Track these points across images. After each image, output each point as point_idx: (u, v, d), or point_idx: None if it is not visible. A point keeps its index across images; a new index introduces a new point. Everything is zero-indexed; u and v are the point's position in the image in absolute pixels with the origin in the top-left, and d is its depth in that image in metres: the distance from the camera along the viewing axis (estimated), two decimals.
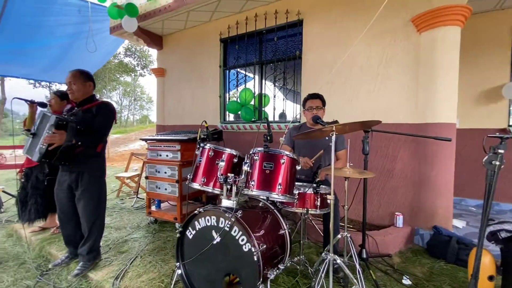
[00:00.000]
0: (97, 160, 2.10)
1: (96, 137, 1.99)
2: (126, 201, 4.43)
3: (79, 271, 2.14)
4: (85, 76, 2.07)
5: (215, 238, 1.67)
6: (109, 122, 2.05)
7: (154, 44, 4.69)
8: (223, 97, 4.08)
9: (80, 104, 2.06)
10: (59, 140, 1.82)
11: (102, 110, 2.04)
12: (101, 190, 2.15)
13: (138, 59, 24.44)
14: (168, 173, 3.06)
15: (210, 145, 1.95)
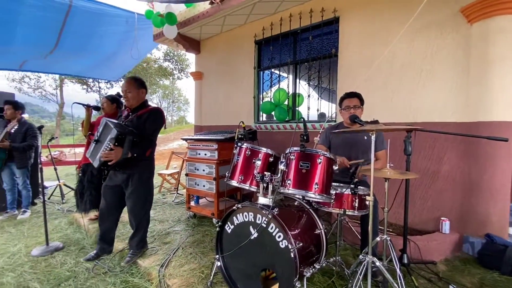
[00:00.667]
0: (146, 163, 2.23)
1: (146, 144, 2.13)
2: (168, 196, 4.75)
3: (130, 258, 2.35)
4: (138, 84, 2.21)
5: (253, 233, 1.73)
6: (158, 127, 2.18)
7: (192, 49, 4.95)
8: (257, 98, 4.16)
9: (134, 111, 2.21)
10: (116, 157, 1.98)
11: (153, 116, 2.16)
12: (149, 191, 2.30)
13: (176, 63, 25.88)
14: (206, 171, 3.22)
15: (247, 145, 2.03)
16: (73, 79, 22.40)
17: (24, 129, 3.62)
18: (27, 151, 3.64)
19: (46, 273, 2.33)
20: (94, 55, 4.90)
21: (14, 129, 3.58)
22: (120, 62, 5.50)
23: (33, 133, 3.66)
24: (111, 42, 4.73)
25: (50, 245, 2.80)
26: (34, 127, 3.68)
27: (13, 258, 2.58)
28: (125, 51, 5.00)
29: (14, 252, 2.70)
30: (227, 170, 3.26)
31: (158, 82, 29.64)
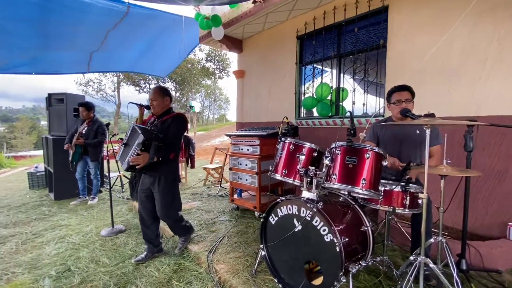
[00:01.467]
0: (171, 165, 2.31)
1: (170, 148, 2.21)
2: (212, 189, 5.02)
3: (181, 244, 2.57)
4: (163, 92, 2.35)
5: (297, 226, 1.76)
6: (181, 131, 2.27)
7: (235, 48, 5.11)
8: (298, 94, 4.13)
9: (159, 117, 2.35)
10: (143, 162, 2.09)
11: (175, 122, 2.27)
12: (174, 192, 2.36)
13: (218, 63, 26.88)
14: (249, 165, 3.33)
15: (290, 139, 2.05)
16: (128, 81, 24.77)
17: (96, 127, 4.19)
18: (98, 146, 4.21)
19: (113, 251, 2.68)
20: (143, 52, 5.29)
21: (85, 129, 4.16)
22: (166, 60, 5.86)
23: (102, 130, 4.22)
24: (159, 40, 5.03)
25: (115, 227, 3.20)
26: (103, 125, 4.23)
27: (86, 237, 3.02)
28: (170, 49, 5.32)
29: (87, 231, 3.15)
30: (269, 165, 3.37)
31: (201, 82, 31.15)
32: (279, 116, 4.34)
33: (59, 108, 4.61)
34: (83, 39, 4.16)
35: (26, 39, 3.83)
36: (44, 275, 2.26)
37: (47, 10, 3.44)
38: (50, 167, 4.63)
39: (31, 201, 4.46)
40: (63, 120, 4.52)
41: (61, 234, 3.07)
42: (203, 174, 6.64)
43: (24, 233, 3.12)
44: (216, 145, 13.74)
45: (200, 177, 6.33)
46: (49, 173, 4.90)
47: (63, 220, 3.53)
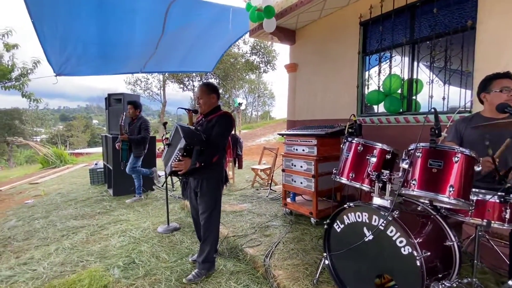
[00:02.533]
0: (215, 168, 2.36)
1: (212, 151, 2.25)
2: (261, 191, 5.17)
3: (193, 277, 2.32)
4: (209, 89, 2.41)
5: (367, 235, 1.75)
6: (225, 132, 2.30)
7: (287, 40, 5.17)
8: (361, 87, 4.01)
9: (206, 116, 2.43)
10: (185, 168, 2.19)
11: (220, 121, 2.27)
12: (215, 198, 2.34)
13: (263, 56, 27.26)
14: (304, 167, 3.36)
15: (358, 140, 2.04)
16: (173, 79, 26.78)
17: (139, 123, 4.70)
18: (141, 143, 4.68)
19: (171, 248, 2.99)
20: (190, 49, 5.69)
21: (122, 121, 4.61)
22: (211, 53, 6.18)
23: (145, 126, 4.70)
24: (205, 34, 5.35)
25: (170, 225, 3.56)
26: (146, 121, 4.74)
27: (144, 232, 3.42)
28: (216, 42, 5.60)
29: (144, 227, 3.57)
30: (327, 167, 3.37)
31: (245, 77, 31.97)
32: (336, 113, 4.27)
33: (117, 108, 5.27)
34: (142, 36, 4.67)
35: (90, 44, 4.48)
36: (113, 265, 2.65)
37: (104, 12, 3.99)
38: (109, 164, 5.32)
39: (94, 196, 5.20)
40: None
41: (122, 228, 3.53)
42: (250, 175, 6.86)
43: (91, 225, 3.67)
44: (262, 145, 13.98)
45: (247, 178, 6.56)
46: (108, 170, 5.64)
47: (122, 215, 4.05)
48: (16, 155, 24.28)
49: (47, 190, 5.79)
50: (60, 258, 2.81)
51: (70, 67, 4.75)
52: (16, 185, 6.79)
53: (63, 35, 4.04)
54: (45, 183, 6.86)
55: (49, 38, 3.94)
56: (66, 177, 7.63)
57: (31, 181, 7.10)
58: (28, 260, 2.81)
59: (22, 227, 3.70)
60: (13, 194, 5.79)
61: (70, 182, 6.75)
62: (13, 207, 4.76)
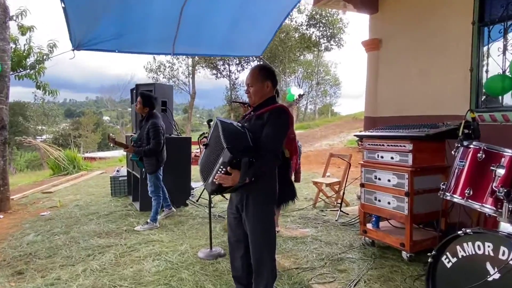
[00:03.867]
0: (266, 181, 2.35)
1: (266, 161, 2.27)
2: (328, 213, 5.26)
3: None
4: (263, 74, 2.43)
5: (491, 273, 1.78)
6: (280, 135, 2.31)
7: (366, 8, 5.21)
8: (476, 71, 3.90)
9: (255, 109, 2.46)
10: (232, 182, 2.19)
11: (273, 119, 2.28)
12: (267, 220, 2.39)
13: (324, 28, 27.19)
14: (393, 181, 3.39)
15: (478, 144, 2.06)
16: (204, 63, 28.09)
17: (147, 127, 4.73)
18: (151, 155, 4.73)
19: (217, 277, 3.25)
20: (232, 27, 5.99)
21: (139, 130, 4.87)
22: (260, 32, 6.41)
23: (155, 131, 4.66)
24: (248, 8, 5.59)
25: (213, 250, 3.85)
26: (156, 125, 4.67)
27: (183, 257, 3.75)
28: (264, 17, 5.80)
29: (182, 251, 3.91)
30: (428, 182, 3.37)
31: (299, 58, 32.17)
32: (439, 107, 4.19)
33: None
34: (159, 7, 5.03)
35: (111, 10, 4.95)
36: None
37: None
38: (136, 172, 5.87)
39: (117, 209, 5.78)
40: None
41: (156, 251, 3.91)
42: (309, 191, 6.97)
43: (119, 245, 4.13)
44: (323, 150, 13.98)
45: (307, 195, 6.69)
46: (134, 179, 6.22)
47: (154, 235, 4.47)
48: (16, 159, 26.76)
49: (63, 201, 6.57)
50: (89, 281, 3.24)
51: (92, 37, 5.17)
52: (28, 193, 7.81)
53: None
54: (60, 193, 7.77)
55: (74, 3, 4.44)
56: (81, 186, 8.54)
57: (43, 190, 8.09)
58: (55, 281, 3.28)
59: (43, 243, 4.30)
60: (27, 205, 6.68)
61: (87, 193, 7.55)
62: (28, 219, 5.52)
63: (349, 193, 6.38)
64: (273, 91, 2.48)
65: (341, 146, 14.70)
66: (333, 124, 22.58)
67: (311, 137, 18.23)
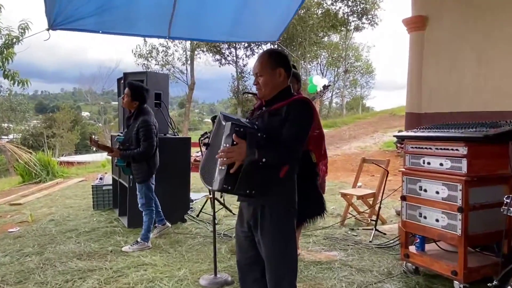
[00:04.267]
0: (283, 189, 2.38)
1: (283, 154, 2.29)
2: (359, 232, 5.23)
3: None
4: (274, 60, 2.42)
5: None
6: (302, 134, 2.33)
7: None
8: None
9: (268, 104, 2.47)
10: (238, 154, 2.15)
11: (294, 115, 2.32)
12: (288, 240, 2.38)
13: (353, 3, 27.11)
14: (443, 193, 3.36)
15: None
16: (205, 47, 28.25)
17: (137, 125, 4.70)
18: (140, 160, 4.73)
19: None
20: (239, 9, 6.01)
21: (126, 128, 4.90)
22: (274, 14, 6.44)
23: (146, 130, 4.65)
24: None
25: (218, 276, 3.87)
26: (147, 122, 4.68)
27: (181, 284, 3.78)
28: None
29: (180, 277, 3.94)
30: (488, 195, 3.30)
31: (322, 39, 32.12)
32: (502, 102, 4.14)
33: None
34: None
35: None
36: None
37: None
38: (123, 180, 5.93)
39: (100, 226, 5.86)
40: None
41: (148, 277, 3.95)
42: (336, 205, 6.95)
43: (103, 269, 4.18)
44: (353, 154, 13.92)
45: (333, 210, 6.66)
46: (121, 188, 6.28)
47: (145, 257, 4.51)
48: None
49: (35, 215, 6.67)
50: None
51: (70, 13, 5.15)
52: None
53: None
54: (31, 205, 7.90)
55: None
56: (57, 197, 8.66)
57: (11, 201, 8.22)
58: None
59: (11, 266, 4.37)
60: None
61: (64, 205, 7.66)
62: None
63: (386, 208, 6.35)
64: (288, 80, 2.49)
65: (376, 150, 14.64)
66: (365, 121, 22.50)
67: (337, 138, 18.20)
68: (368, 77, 40.38)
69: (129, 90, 4.74)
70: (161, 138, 5.22)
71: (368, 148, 15.23)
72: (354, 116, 28.34)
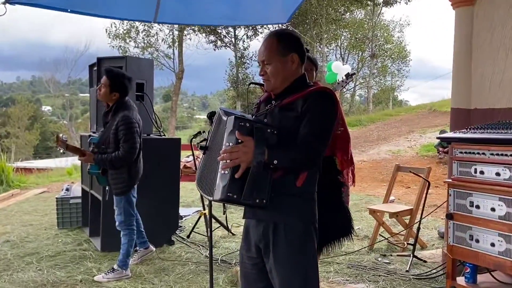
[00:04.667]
0: (301, 203, 2.36)
1: (300, 157, 2.26)
2: (393, 259, 5.20)
3: None
4: (284, 46, 2.42)
5: None
6: (325, 133, 2.33)
7: None
8: None
9: (279, 96, 2.47)
10: (244, 154, 2.12)
11: (312, 108, 2.30)
12: (309, 263, 2.40)
13: None
14: (500, 211, 3.33)
15: None
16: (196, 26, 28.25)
17: (116, 122, 4.67)
18: (120, 165, 4.67)
19: None
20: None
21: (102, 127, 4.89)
22: None
23: (127, 129, 4.60)
24: None
25: None
26: (130, 118, 4.64)
27: None
28: None
29: None
30: None
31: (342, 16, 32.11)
32: None
33: None
34: None
35: None
36: None
37: None
38: (96, 191, 5.92)
39: (67, 248, 5.86)
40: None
41: None
42: (363, 224, 6.93)
43: None
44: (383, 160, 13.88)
45: (359, 231, 6.63)
46: (93, 202, 6.26)
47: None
48: None
49: None
50: None
51: None
52: None
53: None
54: None
55: None
56: (13, 213, 8.66)
57: None
58: None
59: None
60: None
61: (21, 222, 7.66)
62: None
63: (426, 228, 6.32)
64: (302, 68, 2.50)
65: (412, 154, 14.61)
66: (398, 119, 22.47)
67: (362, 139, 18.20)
68: (401, 63, 40.29)
69: (107, 79, 4.71)
70: (144, 139, 5.19)
71: (402, 152, 15.18)
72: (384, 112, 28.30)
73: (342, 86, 5.11)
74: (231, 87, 32.94)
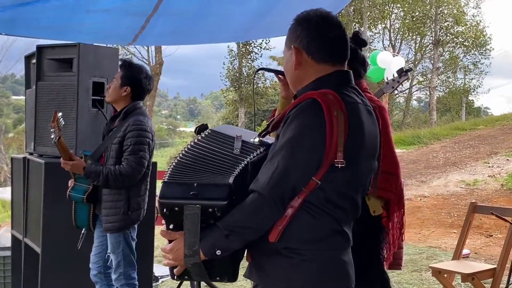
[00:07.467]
0: (286, 262, 2.28)
1: (254, 224, 2.21)
2: None
3: None
4: (293, 32, 2.44)
5: None
6: (294, 166, 2.16)
7: None
8: None
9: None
10: (176, 256, 2.20)
11: (283, 131, 2.29)
12: None
13: None
14: None
15: None
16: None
17: (126, 128, 4.74)
18: (117, 186, 4.70)
19: None
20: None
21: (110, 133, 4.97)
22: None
23: (137, 136, 4.69)
24: None
25: None
26: (143, 123, 4.76)
27: None
28: None
29: None
30: None
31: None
32: None
33: (61, 85, 5.87)
34: None
35: None
36: None
37: None
38: (35, 242, 5.89)
39: None
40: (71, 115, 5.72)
41: None
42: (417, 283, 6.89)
43: None
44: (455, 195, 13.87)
45: None
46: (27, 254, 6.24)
47: None
48: None
49: None
50: None
51: None
52: None
53: None
54: None
55: None
56: None
57: None
58: None
59: None
60: None
61: None
62: None
63: None
64: (319, 66, 2.37)
65: (495, 187, 14.58)
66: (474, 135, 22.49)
67: (422, 164, 18.24)
68: (478, 54, 40.21)
69: (120, 71, 4.93)
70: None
71: (480, 184, 15.14)
72: (453, 124, 28.34)
73: (392, 87, 5.11)
74: (231, 86, 32.98)
